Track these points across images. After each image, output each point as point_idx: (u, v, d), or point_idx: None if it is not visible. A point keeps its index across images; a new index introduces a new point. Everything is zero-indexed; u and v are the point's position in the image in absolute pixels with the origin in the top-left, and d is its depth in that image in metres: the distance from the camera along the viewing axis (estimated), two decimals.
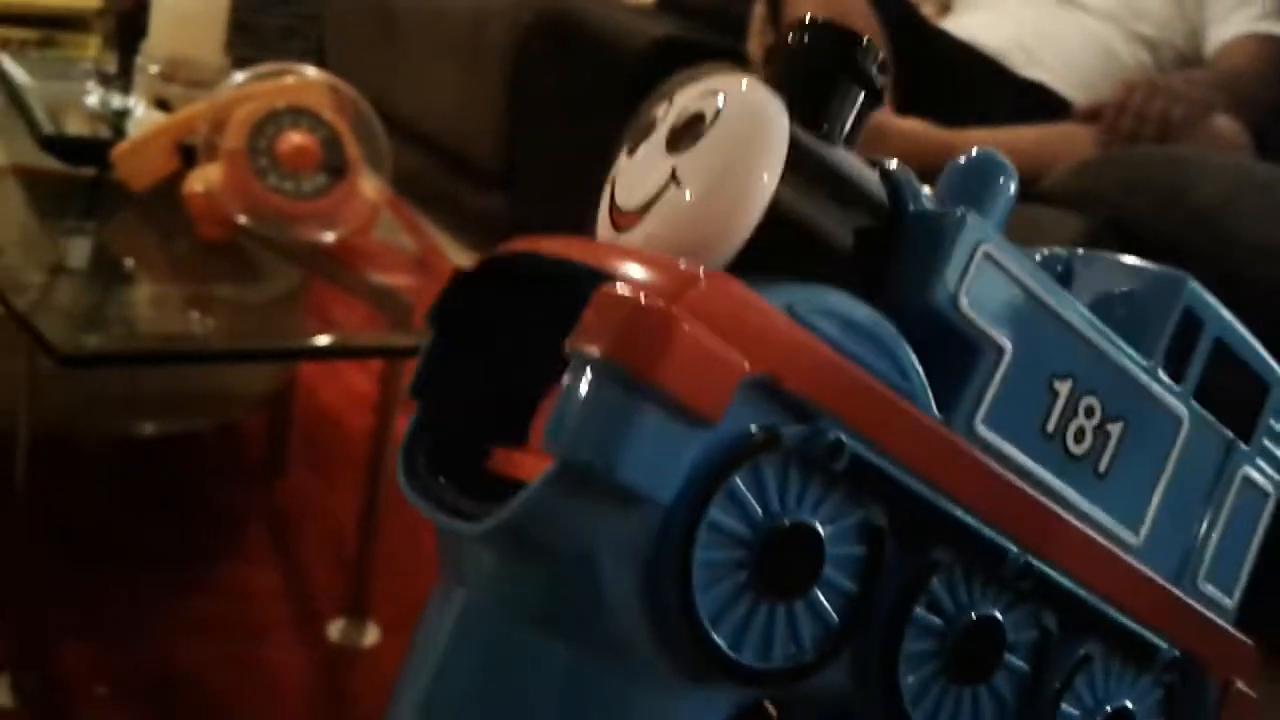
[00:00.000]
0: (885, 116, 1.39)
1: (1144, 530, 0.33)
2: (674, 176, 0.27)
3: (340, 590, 1.13)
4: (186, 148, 1.04)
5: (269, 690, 1.00)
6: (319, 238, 1.02)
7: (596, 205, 0.31)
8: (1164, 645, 0.33)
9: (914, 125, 1.39)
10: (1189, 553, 0.35)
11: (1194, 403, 0.34)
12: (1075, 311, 0.31)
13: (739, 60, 1.69)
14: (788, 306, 0.25)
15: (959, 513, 0.28)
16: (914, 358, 0.28)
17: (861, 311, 0.27)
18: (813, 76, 0.29)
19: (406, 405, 1.06)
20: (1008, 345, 0.29)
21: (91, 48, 2.68)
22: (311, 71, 1.05)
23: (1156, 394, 0.33)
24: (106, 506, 1.17)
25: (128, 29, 1.24)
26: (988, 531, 0.29)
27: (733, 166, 0.26)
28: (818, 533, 0.26)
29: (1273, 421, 0.36)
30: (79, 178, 1.15)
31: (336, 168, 1.01)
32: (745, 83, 0.28)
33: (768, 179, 0.26)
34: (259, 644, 1.04)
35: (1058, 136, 1.40)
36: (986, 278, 0.29)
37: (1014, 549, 0.29)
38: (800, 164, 0.27)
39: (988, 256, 0.28)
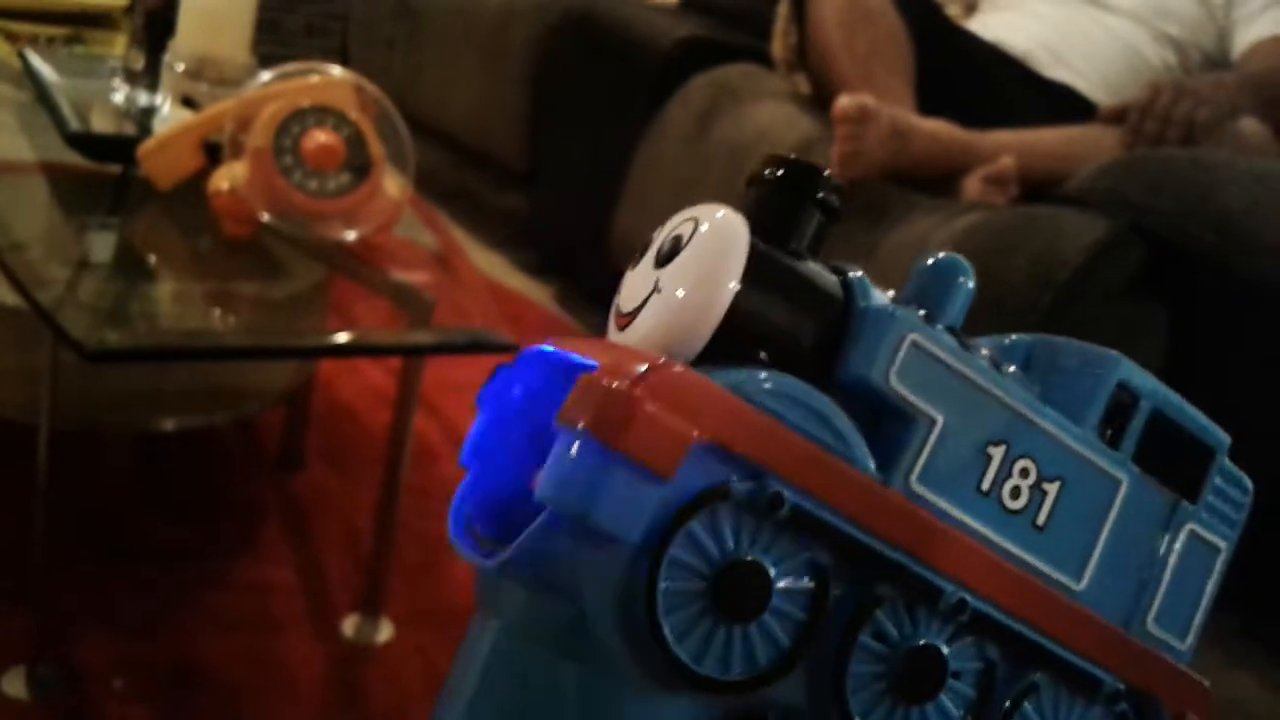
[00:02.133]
0: (910, 118, 1.38)
1: (1086, 577, 0.37)
2: (657, 286, 0.34)
3: (355, 586, 1.13)
4: (212, 146, 1.04)
5: (283, 684, 1.00)
6: (342, 235, 1.03)
7: (616, 204, 0.35)
8: (1108, 678, 0.38)
9: (938, 126, 1.38)
10: (1138, 599, 0.39)
11: (1133, 466, 0.38)
12: (1006, 387, 0.36)
13: (761, 60, 1.69)
14: (735, 387, 0.31)
15: (894, 554, 0.34)
16: (851, 426, 0.33)
17: (802, 390, 0.33)
18: (784, 203, 0.35)
19: (424, 403, 1.06)
20: (939, 416, 0.35)
21: (118, 45, 2.69)
22: (336, 70, 1.06)
23: (1092, 458, 0.37)
24: (125, 500, 1.18)
25: (155, 27, 1.24)
26: (924, 571, 0.34)
27: (700, 277, 0.33)
28: (765, 569, 0.32)
29: (1219, 481, 0.40)
30: (105, 174, 1.15)
31: (360, 166, 1.02)
32: (721, 211, 0.34)
33: (729, 286, 0.33)
34: (274, 638, 1.05)
35: (1083, 138, 1.39)
36: (914, 360, 0.34)
37: (949, 587, 0.35)
38: (761, 273, 0.33)
39: (914, 344, 0.34)
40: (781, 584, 0.32)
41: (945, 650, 0.35)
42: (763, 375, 0.32)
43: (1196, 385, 0.42)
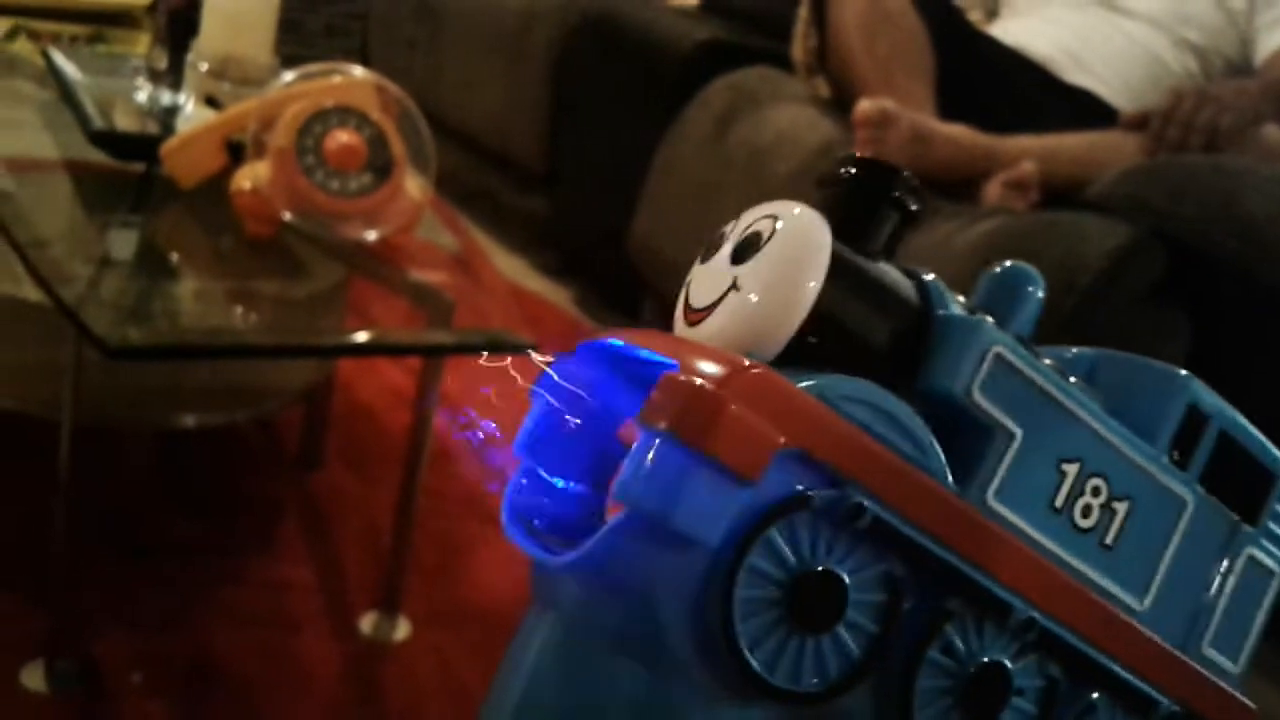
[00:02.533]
0: (930, 122, 1.38)
1: (1149, 598, 0.37)
2: (735, 284, 0.33)
3: (373, 585, 1.14)
4: (235, 145, 1.05)
5: (300, 682, 1.01)
6: (363, 236, 1.03)
7: (634, 206, 0.34)
8: (1164, 700, 0.38)
9: (959, 131, 1.38)
10: (1195, 621, 0.38)
11: (1199, 487, 0.38)
12: (1083, 403, 0.36)
13: (781, 64, 1.69)
14: (819, 393, 0.31)
15: (969, 570, 0.33)
16: (932, 437, 0.33)
17: (884, 397, 0.32)
18: (859, 204, 0.35)
19: (444, 403, 1.05)
20: (1018, 431, 0.34)
21: (140, 44, 2.71)
22: (359, 71, 1.06)
23: (1161, 478, 0.37)
24: (145, 497, 1.18)
25: (178, 26, 1.25)
26: (995, 588, 0.34)
27: (782, 277, 0.33)
28: (842, 580, 0.32)
29: (1278, 507, 0.40)
30: (128, 173, 1.16)
31: (382, 167, 1.02)
32: (798, 209, 0.34)
33: (811, 288, 0.33)
34: (292, 636, 1.05)
35: (1104, 144, 1.38)
36: (997, 374, 0.34)
37: (1019, 604, 0.34)
38: (841, 276, 0.33)
39: (998, 357, 0.34)
40: (856, 595, 0.32)
41: (1010, 667, 0.35)
42: (845, 381, 0.32)
43: (1219, 392, 0.42)
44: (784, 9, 1.81)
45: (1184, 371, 0.38)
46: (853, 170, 0.35)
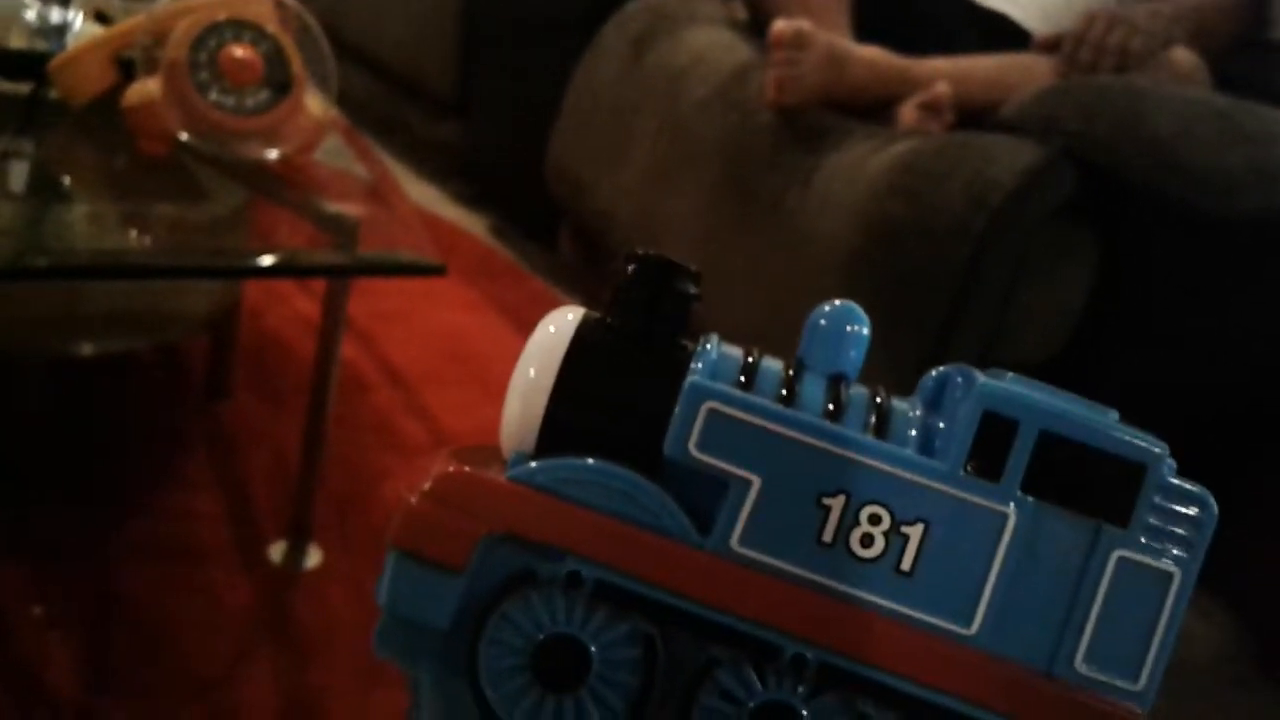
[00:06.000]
0: (846, 44, 1.37)
1: (978, 620, 0.35)
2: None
3: (283, 514, 1.12)
4: (126, 62, 1.01)
5: (210, 612, 0.99)
6: (262, 155, 1.00)
7: (550, 133, 0.36)
8: None
9: (874, 54, 1.37)
10: (1058, 637, 0.36)
11: (1024, 497, 0.35)
12: (838, 437, 0.35)
13: None
14: (528, 477, 0.34)
15: (716, 616, 0.35)
16: (665, 500, 0.35)
17: (597, 471, 0.35)
18: (641, 297, 0.37)
19: (353, 332, 1.03)
20: (754, 478, 0.35)
21: None
22: None
23: (960, 494, 0.35)
24: (44, 428, 1.15)
25: None
26: (753, 629, 0.35)
27: (517, 384, 0.36)
28: (578, 640, 0.34)
29: (1159, 500, 0.36)
30: (16, 93, 1.11)
31: (280, 83, 0.99)
32: (556, 318, 0.37)
33: (541, 399, 0.35)
34: (200, 566, 1.03)
35: (1017, 66, 1.39)
36: (717, 427, 0.35)
37: (786, 643, 0.35)
38: (583, 379, 0.36)
39: (712, 411, 0.35)
40: (605, 654, 0.35)
41: (795, 705, 0.35)
42: (564, 464, 0.35)
43: (1126, 308, 0.40)
44: None
45: (982, 377, 0.36)
46: (631, 267, 0.37)
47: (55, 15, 1.24)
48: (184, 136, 0.96)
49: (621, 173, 1.57)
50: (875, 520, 0.35)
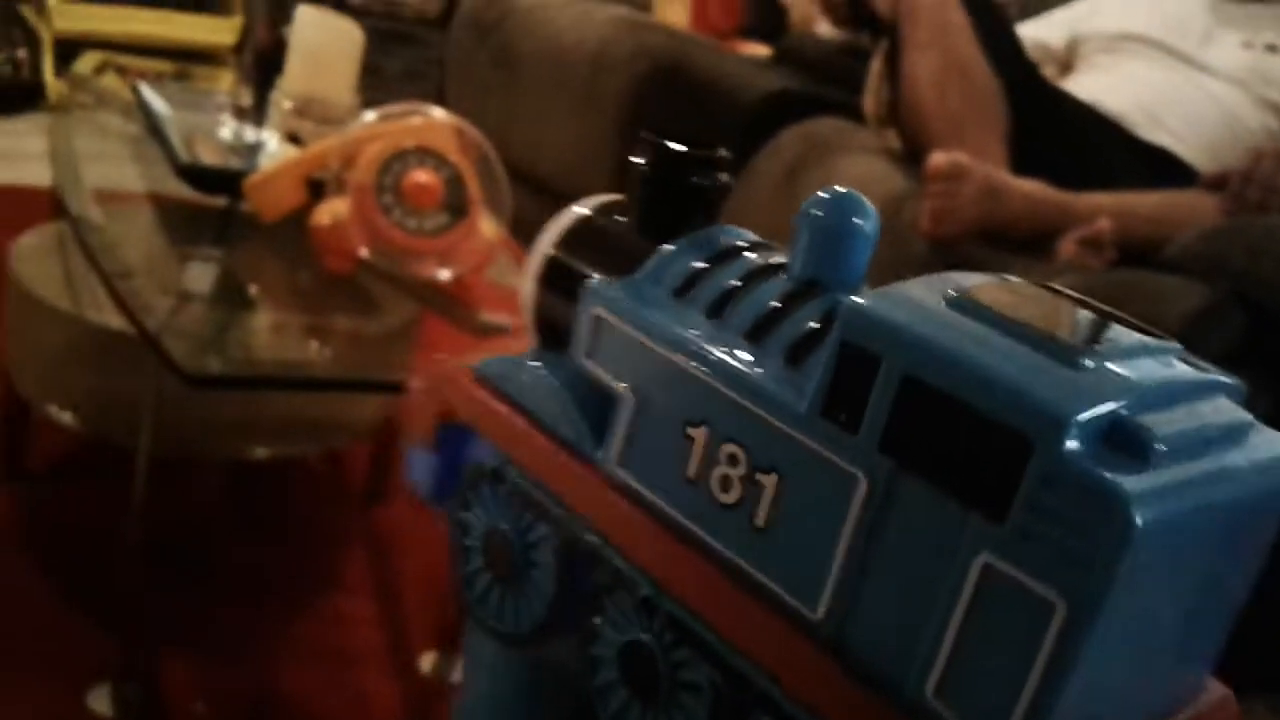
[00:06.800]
0: (1003, 177, 1.37)
1: (822, 606, 0.27)
2: None
3: (433, 623, 1.14)
4: (315, 182, 1.07)
5: (359, 718, 1.01)
6: (436, 274, 1.04)
7: None
8: None
9: (1032, 186, 1.36)
10: (908, 650, 0.26)
11: (881, 457, 0.26)
12: (711, 360, 0.30)
13: (852, 115, 1.69)
14: (480, 374, 0.36)
15: (596, 541, 0.33)
16: (568, 405, 0.34)
17: (515, 367, 0.35)
18: (656, 192, 0.36)
19: None
20: (629, 395, 0.32)
21: (223, 81, 2.78)
22: (438, 113, 1.08)
23: (811, 445, 0.27)
24: (215, 527, 1.20)
25: (265, 65, 1.28)
26: (618, 560, 0.32)
27: (529, 264, 0.38)
28: (508, 536, 0.35)
29: (1047, 494, 0.23)
30: (211, 206, 1.19)
31: (458, 207, 1.03)
32: (590, 201, 0.38)
33: (526, 289, 0.38)
34: (353, 670, 1.05)
35: (1182, 203, 1.37)
36: (601, 336, 0.33)
37: (644, 582, 0.31)
38: (558, 274, 0.36)
39: (596, 319, 0.33)
40: (530, 555, 0.35)
41: (653, 648, 0.31)
42: (501, 360, 0.37)
43: None
44: (855, 61, 1.82)
45: (850, 298, 0.27)
46: (639, 161, 0.35)
47: (250, 135, 1.32)
48: (366, 254, 1.01)
49: None
50: (733, 461, 0.29)
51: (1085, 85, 1.62)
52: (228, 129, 1.33)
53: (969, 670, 0.25)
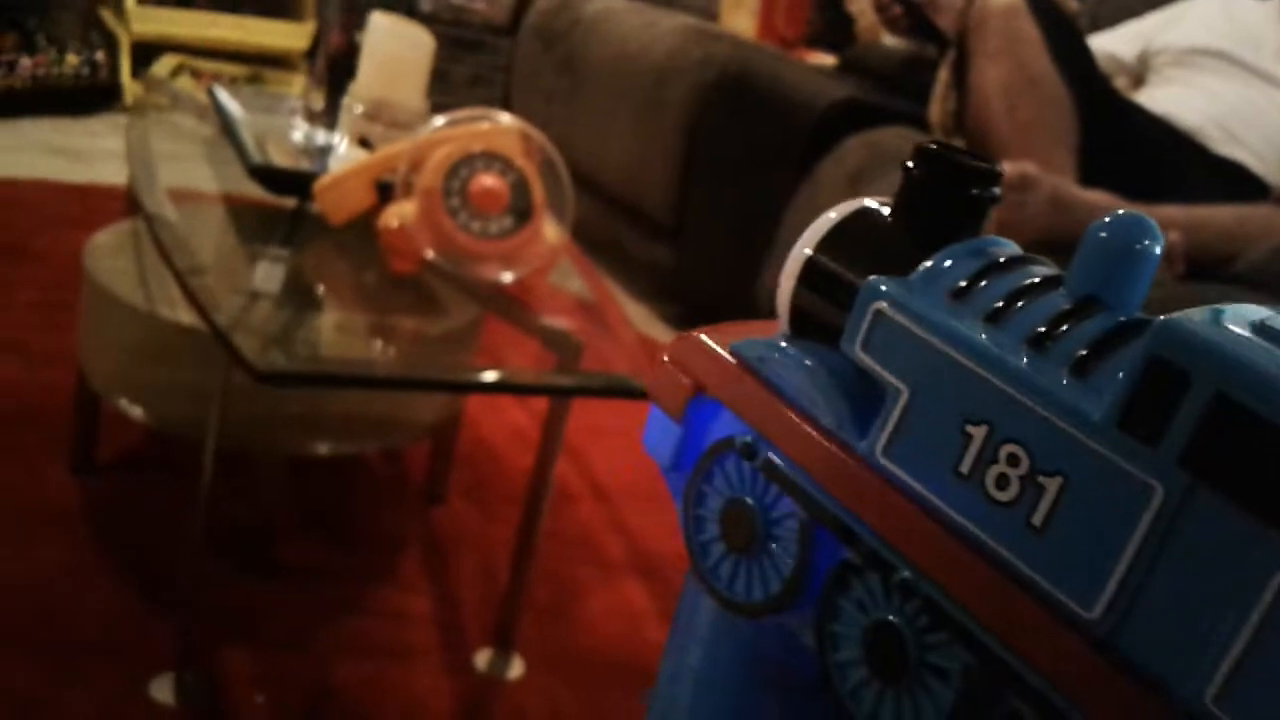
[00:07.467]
0: (1072, 189, 1.36)
1: (1100, 605, 0.28)
2: None
3: (488, 622, 1.15)
4: (384, 185, 1.08)
5: (414, 713, 1.02)
6: (499, 277, 1.05)
7: (764, 260, 0.38)
8: None
9: (1101, 198, 1.35)
10: (1192, 659, 0.27)
11: (1179, 471, 0.27)
12: (1000, 363, 0.30)
13: (917, 124, 1.69)
14: (740, 350, 0.37)
15: (849, 518, 0.34)
16: (832, 390, 0.34)
17: (777, 351, 0.36)
18: (926, 199, 0.36)
19: (565, 446, 1.06)
20: (904, 388, 0.33)
21: (295, 85, 2.83)
22: (505, 118, 1.09)
23: (1104, 453, 0.28)
24: (277, 520, 1.22)
25: (337, 70, 1.31)
26: (874, 541, 0.33)
27: (789, 261, 0.37)
28: (753, 510, 0.36)
29: None
30: (282, 207, 1.21)
31: (522, 211, 1.04)
32: (855, 202, 0.37)
33: (786, 286, 0.37)
34: (408, 666, 1.06)
35: (1255, 218, 1.34)
36: (881, 331, 0.33)
37: (901, 564, 0.32)
38: (818, 267, 0.37)
39: (878, 313, 0.34)
40: (774, 530, 0.36)
41: (904, 630, 0.32)
42: (763, 342, 0.37)
43: None
44: (920, 71, 1.81)
45: (1162, 317, 0.28)
46: (912, 167, 0.36)
47: (321, 138, 1.35)
48: (432, 256, 1.03)
49: None
50: (1014, 461, 0.30)
51: (1157, 98, 1.59)
52: (299, 132, 1.36)
53: (1255, 683, 0.26)
